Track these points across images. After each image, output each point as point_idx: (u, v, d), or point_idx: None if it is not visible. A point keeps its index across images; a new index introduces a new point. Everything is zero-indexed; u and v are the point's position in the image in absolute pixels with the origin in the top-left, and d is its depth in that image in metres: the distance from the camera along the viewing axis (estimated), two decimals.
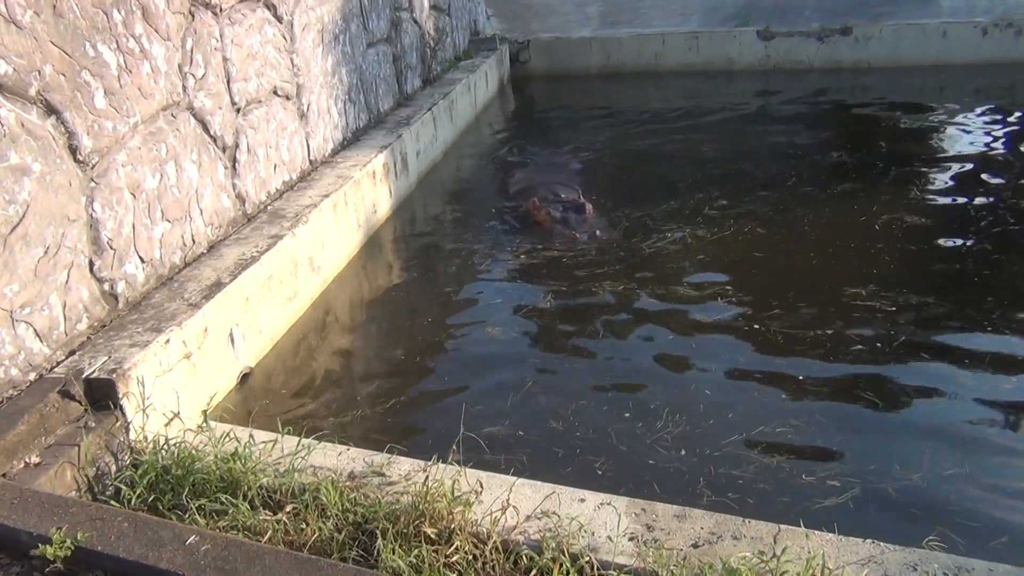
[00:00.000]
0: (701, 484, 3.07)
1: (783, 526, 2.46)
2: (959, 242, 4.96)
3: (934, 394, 3.58)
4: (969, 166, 6.21)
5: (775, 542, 2.39)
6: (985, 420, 3.40)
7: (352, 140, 6.05)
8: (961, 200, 5.62)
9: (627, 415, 3.54)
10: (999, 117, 7.40)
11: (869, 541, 2.37)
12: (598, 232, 5.34)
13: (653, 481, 3.10)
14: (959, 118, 7.43)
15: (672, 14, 10.06)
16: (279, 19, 5.00)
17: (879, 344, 3.93)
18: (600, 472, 3.20)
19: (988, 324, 4.07)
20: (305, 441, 2.96)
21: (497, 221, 5.83)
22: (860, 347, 3.92)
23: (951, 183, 5.92)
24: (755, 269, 4.78)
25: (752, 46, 9.22)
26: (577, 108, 8.87)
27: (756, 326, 4.13)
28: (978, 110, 7.64)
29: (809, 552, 2.27)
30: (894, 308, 4.21)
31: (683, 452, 3.26)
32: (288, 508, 2.63)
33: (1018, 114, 7.45)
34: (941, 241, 4.98)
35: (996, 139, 6.84)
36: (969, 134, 7.00)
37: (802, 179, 6.06)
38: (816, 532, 2.40)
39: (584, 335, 4.25)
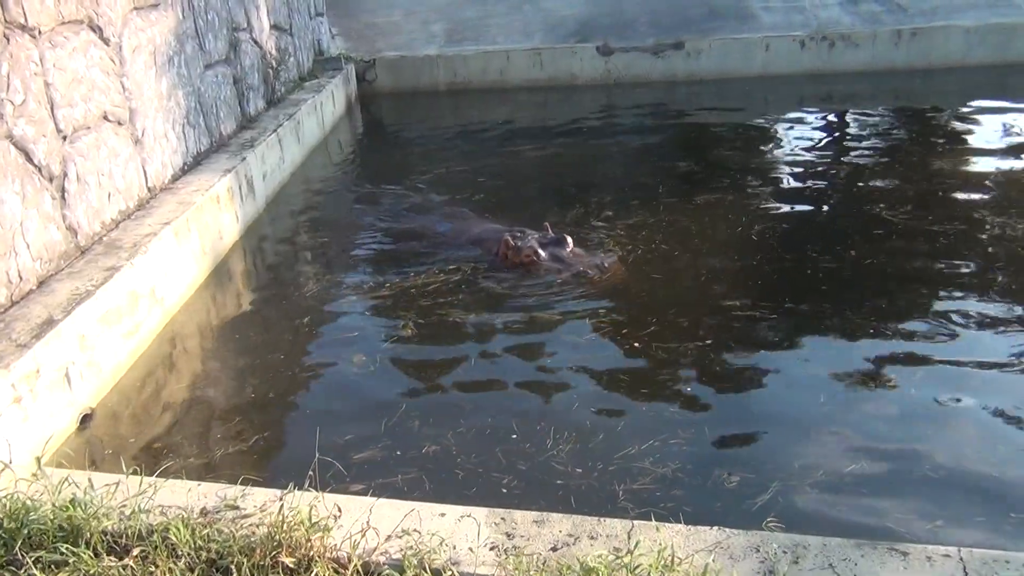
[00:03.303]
0: (621, 498, 3.06)
1: (637, 522, 2.55)
2: (826, 246, 5.11)
3: (820, 395, 3.68)
4: (808, 169, 6.60)
5: (629, 538, 2.47)
6: (873, 418, 3.52)
7: (193, 165, 5.85)
8: (814, 205, 5.94)
9: (513, 436, 3.49)
10: (821, 122, 7.99)
11: (716, 528, 2.50)
12: (607, 263, 4.86)
13: (570, 497, 3.08)
14: (786, 124, 7.97)
15: (515, 31, 10.28)
16: (106, 41, 4.78)
17: (763, 351, 4.04)
18: (506, 491, 3.17)
19: (866, 324, 4.22)
20: (151, 480, 2.83)
21: (356, 247, 5.70)
22: (743, 355, 4.01)
23: (799, 187, 6.24)
24: (643, 288, 4.71)
25: (593, 61, 9.56)
26: (428, 126, 8.91)
27: (636, 344, 4.13)
28: (802, 116, 8.23)
29: (660, 544, 2.36)
30: (775, 316, 4.31)
31: (579, 470, 3.24)
32: (135, 552, 2.50)
33: (836, 118, 8.06)
34: (812, 246, 5.11)
35: (822, 142, 7.36)
36: (798, 139, 7.48)
37: (668, 189, 6.23)
38: (666, 524, 2.51)
39: (454, 362, 4.14)
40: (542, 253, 4.89)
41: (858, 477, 3.15)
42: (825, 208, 5.93)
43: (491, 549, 2.47)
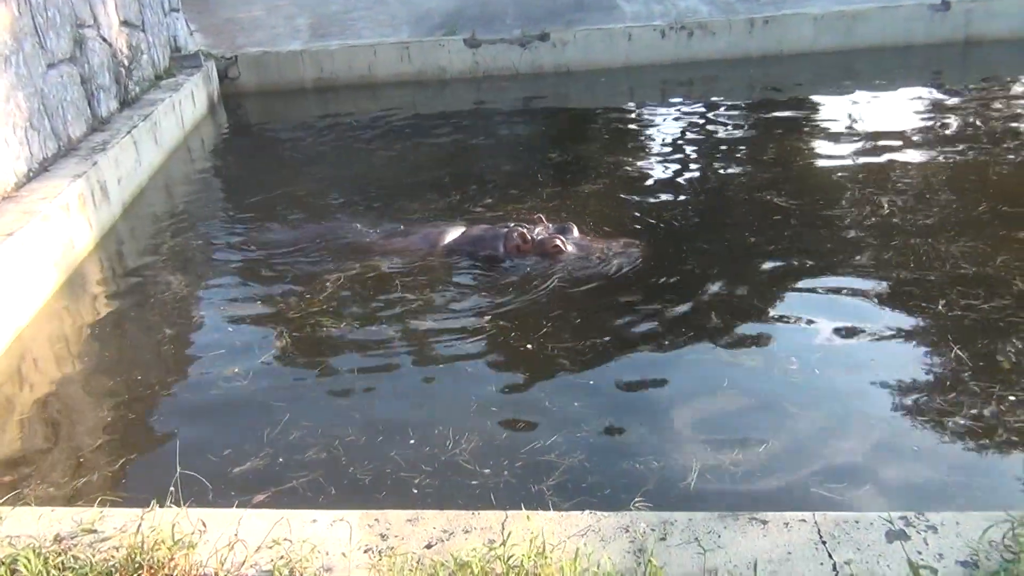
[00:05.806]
0: (548, 493, 3.04)
1: (510, 512, 2.55)
2: (720, 234, 5.18)
3: (724, 380, 3.71)
4: (681, 158, 6.73)
5: (503, 529, 2.48)
6: (777, 398, 3.58)
7: (39, 171, 5.50)
8: (697, 194, 5.99)
9: (411, 441, 3.40)
10: (686, 109, 8.21)
11: (587, 512, 2.53)
12: (636, 248, 4.86)
13: (490, 494, 3.05)
14: (653, 113, 8.21)
15: (381, 24, 10.15)
16: None
17: (664, 342, 4.04)
18: (416, 492, 3.11)
19: (766, 307, 4.28)
20: None
21: (222, 254, 5.43)
22: (643, 348, 4.01)
23: (677, 175, 6.33)
24: (535, 284, 4.64)
25: (461, 54, 9.54)
26: (295, 124, 8.71)
27: (529, 346, 4.07)
28: (667, 104, 8.50)
29: (532, 532, 2.38)
30: (677, 311, 4.31)
31: (487, 470, 3.20)
32: None
33: (700, 106, 8.30)
34: (706, 235, 5.19)
35: (689, 130, 7.56)
36: (666, 127, 7.70)
37: (547, 179, 6.26)
38: (538, 512, 2.53)
39: (334, 371, 3.99)
40: (569, 243, 4.91)
41: (767, 454, 3.23)
42: (709, 197, 5.95)
43: (364, 552, 2.43)
